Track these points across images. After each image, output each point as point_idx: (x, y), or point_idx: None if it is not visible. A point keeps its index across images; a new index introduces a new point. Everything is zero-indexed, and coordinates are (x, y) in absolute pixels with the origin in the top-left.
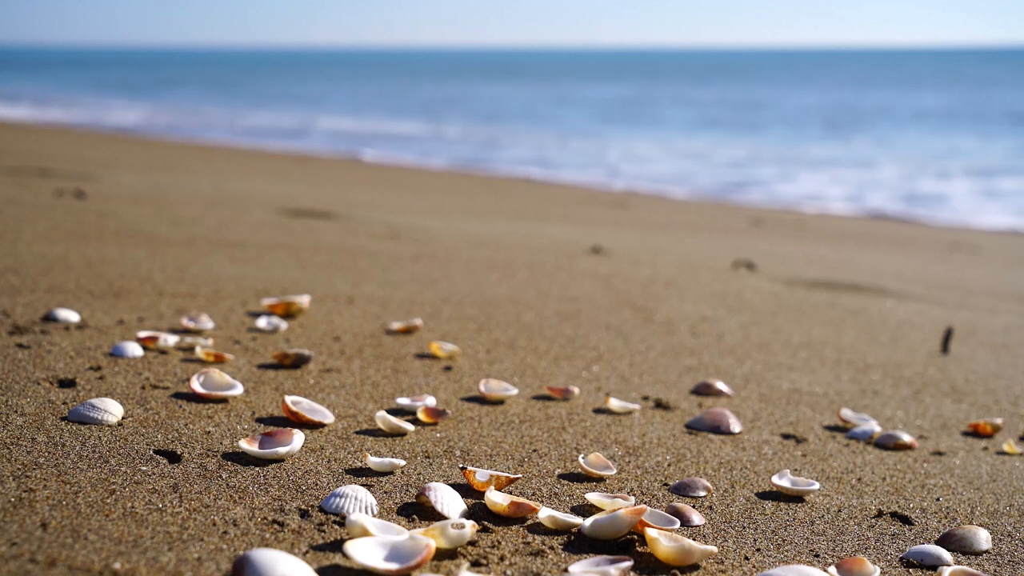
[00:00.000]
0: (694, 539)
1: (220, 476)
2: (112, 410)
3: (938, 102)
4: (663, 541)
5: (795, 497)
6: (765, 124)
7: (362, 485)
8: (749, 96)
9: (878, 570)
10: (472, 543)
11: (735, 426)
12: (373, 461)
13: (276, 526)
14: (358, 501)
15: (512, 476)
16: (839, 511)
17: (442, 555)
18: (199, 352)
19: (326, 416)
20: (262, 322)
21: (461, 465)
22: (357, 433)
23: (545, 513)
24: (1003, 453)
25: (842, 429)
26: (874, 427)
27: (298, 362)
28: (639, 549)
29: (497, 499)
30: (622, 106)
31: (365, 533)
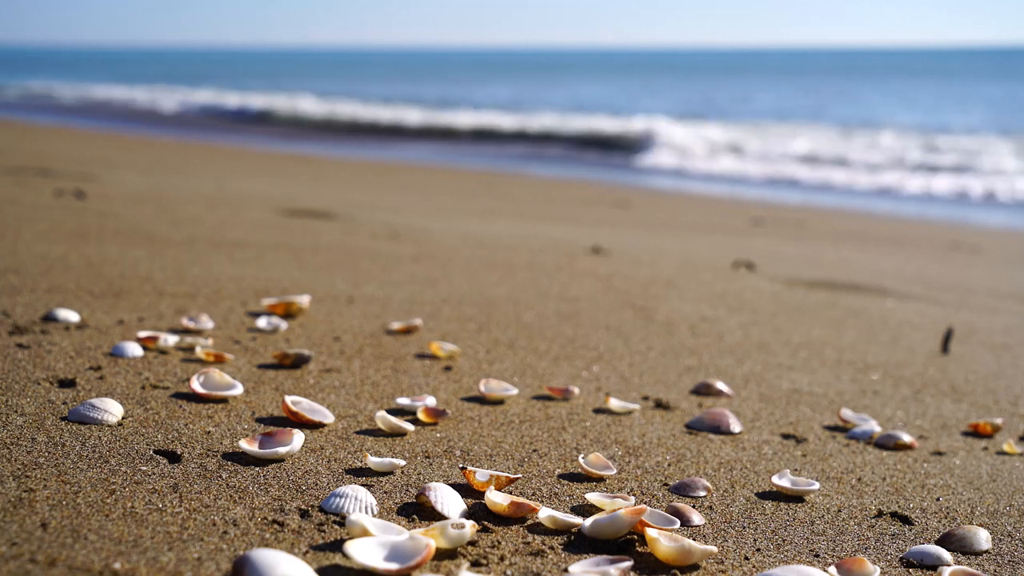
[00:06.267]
0: (694, 539)
1: (220, 476)
2: (112, 410)
3: None
4: (663, 541)
5: (795, 497)
6: None
7: (362, 485)
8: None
9: (878, 570)
10: (472, 543)
11: (735, 426)
12: (373, 461)
13: (276, 526)
14: (358, 501)
15: (512, 476)
16: (839, 511)
17: (442, 555)
18: (199, 352)
19: (326, 416)
20: (262, 322)
21: (461, 465)
22: (357, 433)
23: (545, 513)
24: (1003, 453)
25: (842, 429)
26: (874, 427)
27: (298, 362)
28: (639, 549)
29: (497, 499)
30: None
31: (365, 533)
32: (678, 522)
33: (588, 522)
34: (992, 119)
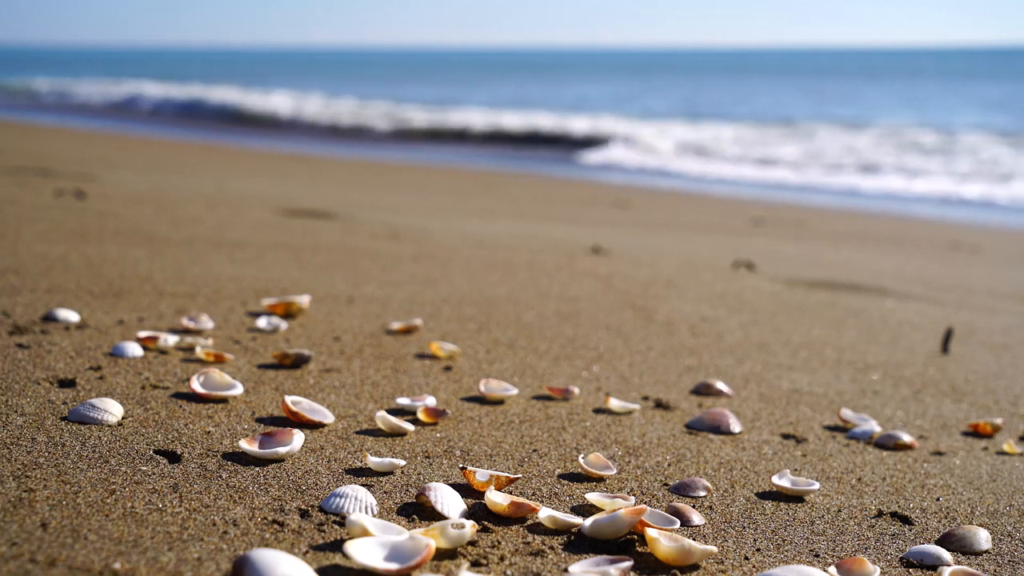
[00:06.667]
0: (694, 539)
1: (220, 476)
2: (112, 410)
3: None
4: (663, 541)
5: (795, 497)
6: None
7: (362, 485)
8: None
9: (878, 570)
10: (472, 543)
11: (735, 426)
12: (373, 461)
13: (276, 526)
14: (358, 501)
15: (512, 476)
16: (839, 511)
17: (442, 555)
18: (199, 352)
19: (326, 416)
20: (262, 322)
21: (461, 465)
22: (357, 433)
23: (545, 513)
24: (1003, 453)
25: (842, 429)
26: (874, 427)
27: (298, 362)
28: (639, 549)
29: (497, 499)
30: None
31: (365, 533)
32: (678, 522)
33: (588, 522)
34: (992, 119)
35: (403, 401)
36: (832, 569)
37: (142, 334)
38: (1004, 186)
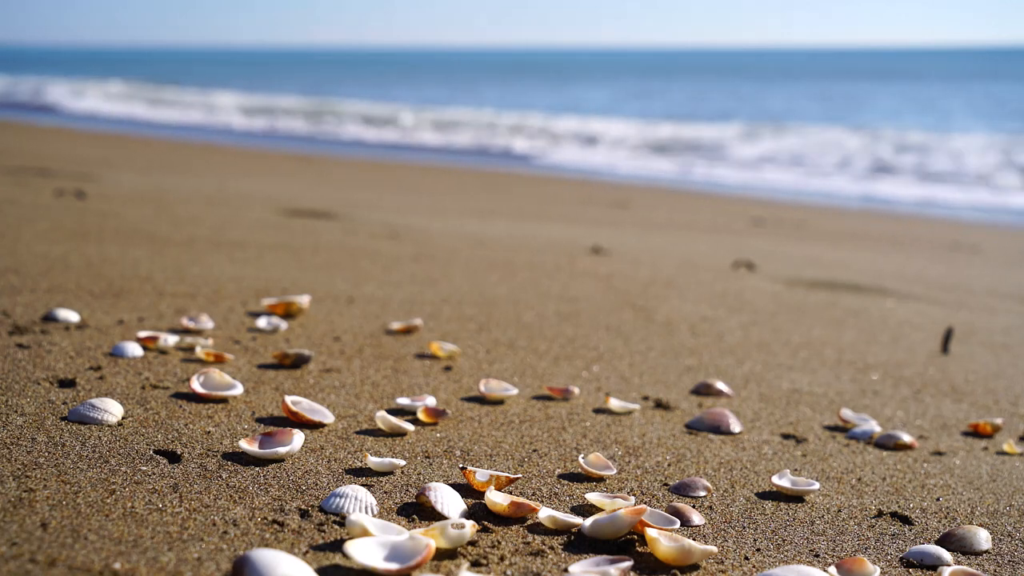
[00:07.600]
0: (694, 539)
1: (220, 476)
2: (112, 410)
3: None
4: (663, 541)
5: (795, 497)
6: None
7: (362, 485)
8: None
9: (878, 570)
10: (472, 543)
11: (735, 426)
12: (373, 461)
13: (276, 526)
14: (358, 501)
15: (512, 476)
16: (839, 511)
17: (442, 555)
18: (199, 352)
19: (326, 416)
20: (262, 322)
21: (461, 465)
22: (357, 433)
23: (545, 513)
24: (1003, 453)
25: (842, 429)
26: (874, 427)
27: (298, 362)
28: (639, 549)
29: (497, 499)
30: None
31: (365, 533)
32: (678, 522)
33: (588, 522)
34: (992, 119)
35: (403, 401)
36: (832, 569)
37: (142, 334)
38: (1004, 186)
